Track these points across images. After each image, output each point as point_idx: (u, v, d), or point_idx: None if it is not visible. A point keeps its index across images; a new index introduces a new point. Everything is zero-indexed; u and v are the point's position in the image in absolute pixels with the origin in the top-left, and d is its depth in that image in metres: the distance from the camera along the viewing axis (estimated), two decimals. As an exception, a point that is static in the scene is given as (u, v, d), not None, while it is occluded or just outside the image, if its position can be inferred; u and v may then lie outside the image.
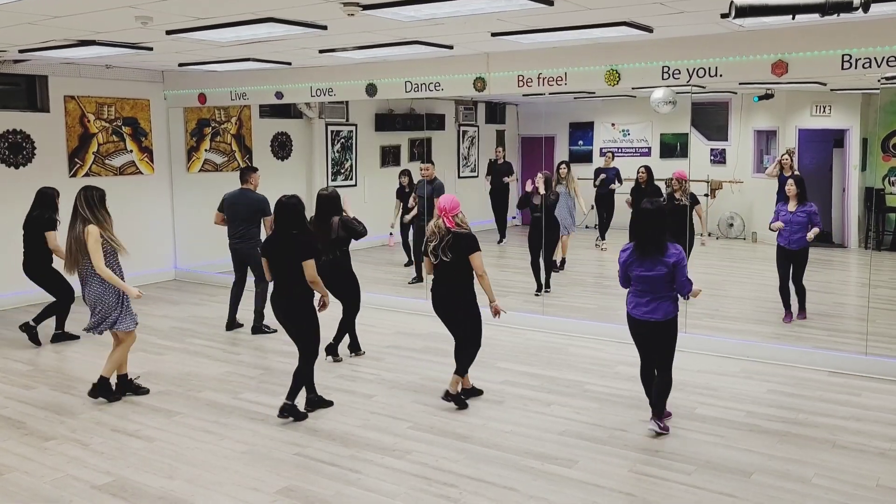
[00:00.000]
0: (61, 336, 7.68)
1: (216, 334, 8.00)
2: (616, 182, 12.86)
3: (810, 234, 7.85)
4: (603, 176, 12.86)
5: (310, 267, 5.32)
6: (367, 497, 4.33)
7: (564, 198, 10.33)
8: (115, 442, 5.13)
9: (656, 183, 10.69)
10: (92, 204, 5.72)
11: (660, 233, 5.02)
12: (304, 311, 5.45)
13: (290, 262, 5.35)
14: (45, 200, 7.43)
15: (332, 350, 6.89)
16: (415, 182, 10.51)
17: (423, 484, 4.49)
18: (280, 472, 4.66)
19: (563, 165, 10.79)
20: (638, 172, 10.71)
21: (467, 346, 5.76)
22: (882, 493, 4.35)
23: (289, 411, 5.44)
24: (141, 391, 6.05)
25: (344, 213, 6.72)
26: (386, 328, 7.96)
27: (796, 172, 10.67)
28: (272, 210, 6.80)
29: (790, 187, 8.03)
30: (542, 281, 9.44)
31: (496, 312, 5.74)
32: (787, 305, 8.15)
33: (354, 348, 7.10)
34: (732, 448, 4.96)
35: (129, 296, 5.80)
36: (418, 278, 10.06)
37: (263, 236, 7.93)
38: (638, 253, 5.06)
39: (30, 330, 7.50)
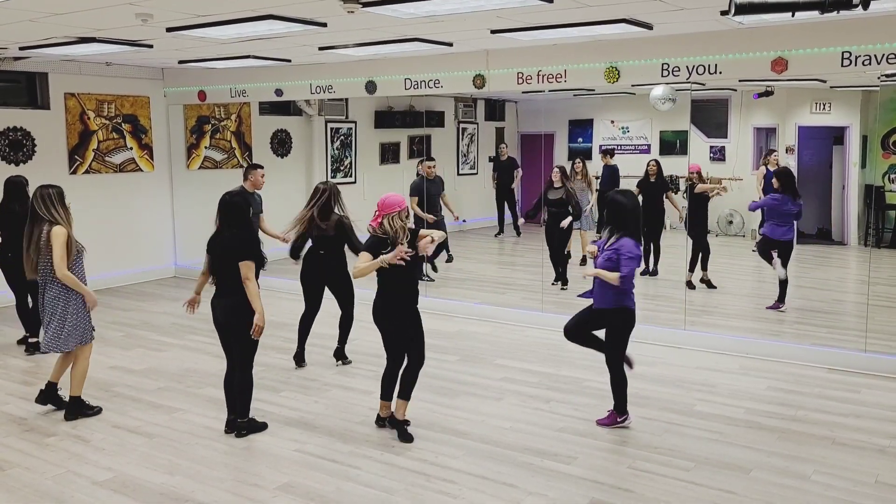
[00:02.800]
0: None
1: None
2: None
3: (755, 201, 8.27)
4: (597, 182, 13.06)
5: (245, 267, 4.99)
6: (367, 493, 4.35)
7: (580, 193, 10.48)
8: (116, 438, 5.14)
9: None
10: (50, 203, 5.33)
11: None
12: (247, 315, 5.04)
13: (230, 261, 5.05)
14: (18, 191, 6.91)
15: (339, 354, 6.81)
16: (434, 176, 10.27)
17: (422, 480, 4.50)
18: (280, 468, 4.67)
19: (579, 161, 11.17)
20: (648, 165, 10.88)
21: (414, 366, 5.15)
22: (881, 489, 4.36)
23: (248, 428, 5.13)
24: (64, 404, 5.61)
25: (345, 217, 6.60)
26: (386, 325, 7.96)
27: (782, 166, 10.84)
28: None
29: (774, 180, 8.20)
30: (560, 272, 9.64)
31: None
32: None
33: (340, 355, 6.83)
34: (731, 445, 4.97)
35: (88, 303, 5.40)
36: (428, 278, 9.97)
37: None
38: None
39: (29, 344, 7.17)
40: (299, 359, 6.78)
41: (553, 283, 9.57)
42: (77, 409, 5.51)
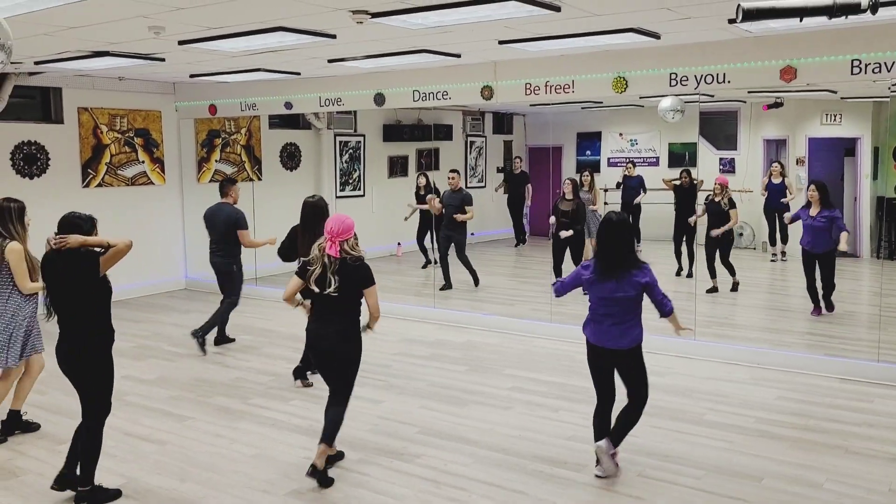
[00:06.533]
0: None
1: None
2: (641, 191, 12.95)
3: (842, 244, 7.98)
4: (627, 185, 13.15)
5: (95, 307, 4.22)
6: (376, 500, 4.34)
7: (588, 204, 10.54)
8: (128, 445, 5.16)
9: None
10: (9, 219, 5.11)
11: (626, 248, 4.50)
12: (90, 358, 4.23)
13: (72, 289, 4.21)
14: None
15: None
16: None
17: (431, 487, 4.49)
18: (289, 474, 4.67)
19: (587, 172, 11.20)
20: (681, 176, 11.09)
21: (336, 404, 4.65)
22: (894, 498, 4.32)
23: (90, 499, 4.27)
24: (32, 427, 5.46)
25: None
26: (393, 335, 7.97)
27: (788, 178, 10.98)
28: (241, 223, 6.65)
29: (812, 192, 8.16)
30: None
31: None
32: (814, 300, 8.47)
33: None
34: (742, 453, 4.94)
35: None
36: (448, 285, 9.95)
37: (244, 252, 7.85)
38: (602, 268, 4.48)
39: None
40: None
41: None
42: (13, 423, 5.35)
